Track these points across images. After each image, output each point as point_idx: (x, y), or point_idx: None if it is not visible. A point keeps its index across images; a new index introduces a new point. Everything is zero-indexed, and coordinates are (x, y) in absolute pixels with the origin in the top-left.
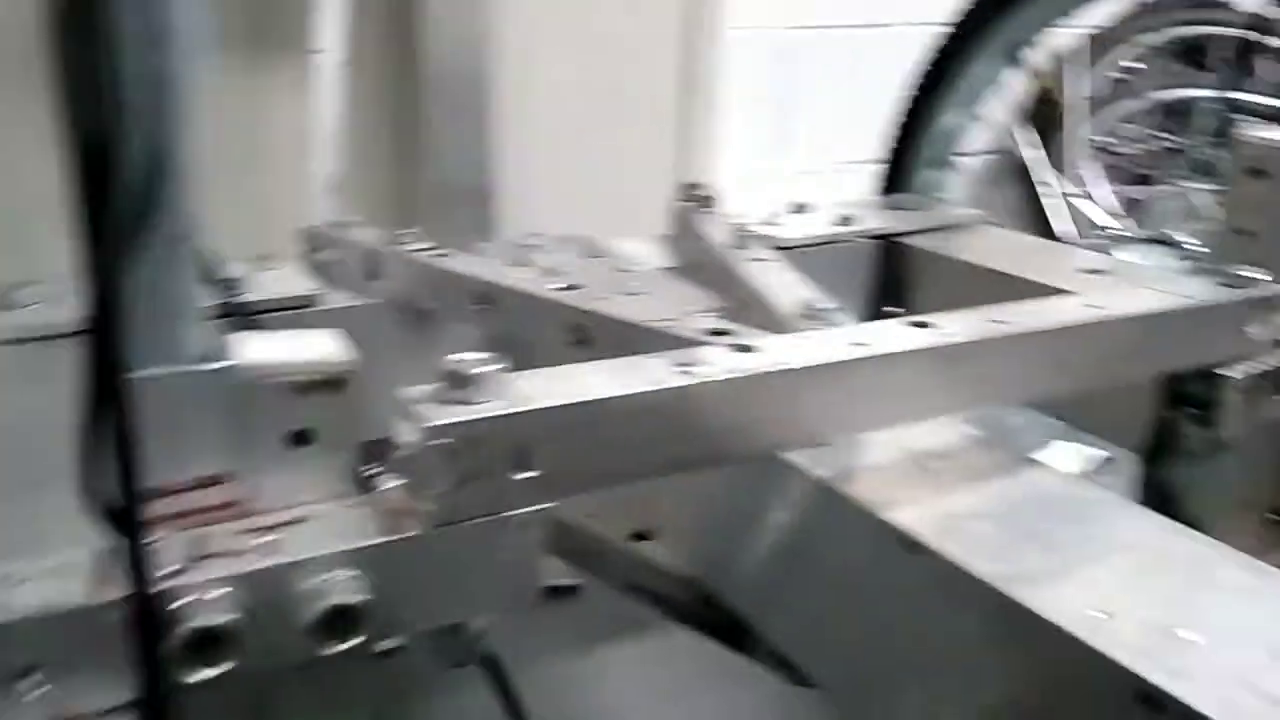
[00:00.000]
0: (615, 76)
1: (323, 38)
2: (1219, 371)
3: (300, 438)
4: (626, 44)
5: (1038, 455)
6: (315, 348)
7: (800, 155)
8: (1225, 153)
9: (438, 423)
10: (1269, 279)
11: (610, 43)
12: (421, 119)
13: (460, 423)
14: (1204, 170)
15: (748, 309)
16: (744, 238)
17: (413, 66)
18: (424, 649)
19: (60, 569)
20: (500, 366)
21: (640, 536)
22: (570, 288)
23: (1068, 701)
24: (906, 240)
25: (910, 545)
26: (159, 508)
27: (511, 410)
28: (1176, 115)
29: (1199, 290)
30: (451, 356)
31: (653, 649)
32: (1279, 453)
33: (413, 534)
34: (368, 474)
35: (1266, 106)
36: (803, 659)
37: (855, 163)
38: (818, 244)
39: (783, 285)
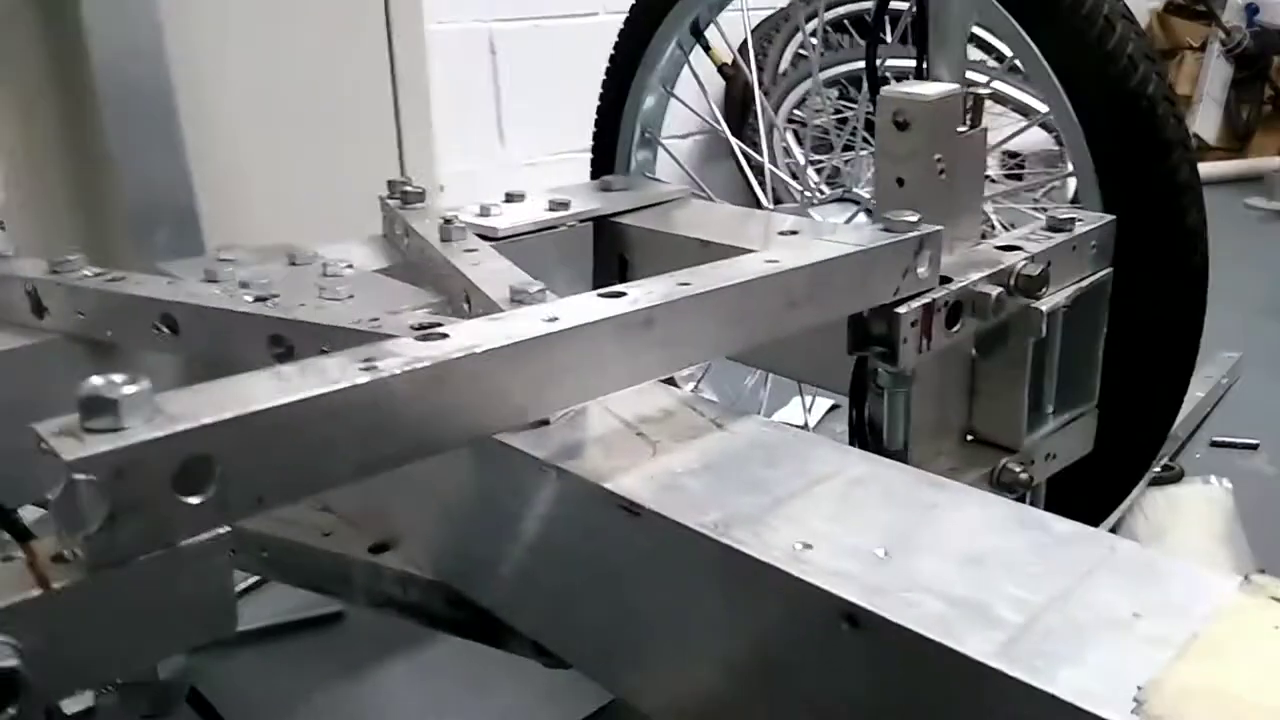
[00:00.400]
0: (320, 78)
1: None
2: (895, 310)
3: None
4: (328, 44)
5: (779, 412)
6: None
7: (517, 148)
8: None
9: (77, 456)
10: (922, 220)
11: (309, 43)
12: (99, 138)
13: (105, 453)
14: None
15: (462, 302)
16: (454, 231)
17: (80, 82)
18: (126, 702)
19: None
20: (145, 386)
21: (380, 548)
22: (265, 298)
23: (790, 632)
24: (619, 219)
25: (631, 509)
26: None
27: (165, 432)
28: (855, 84)
29: (864, 237)
30: (91, 380)
31: (425, 660)
32: (965, 379)
33: (65, 583)
34: (18, 524)
35: (899, 68)
36: (552, 642)
37: (573, 152)
38: (534, 230)
39: (493, 274)
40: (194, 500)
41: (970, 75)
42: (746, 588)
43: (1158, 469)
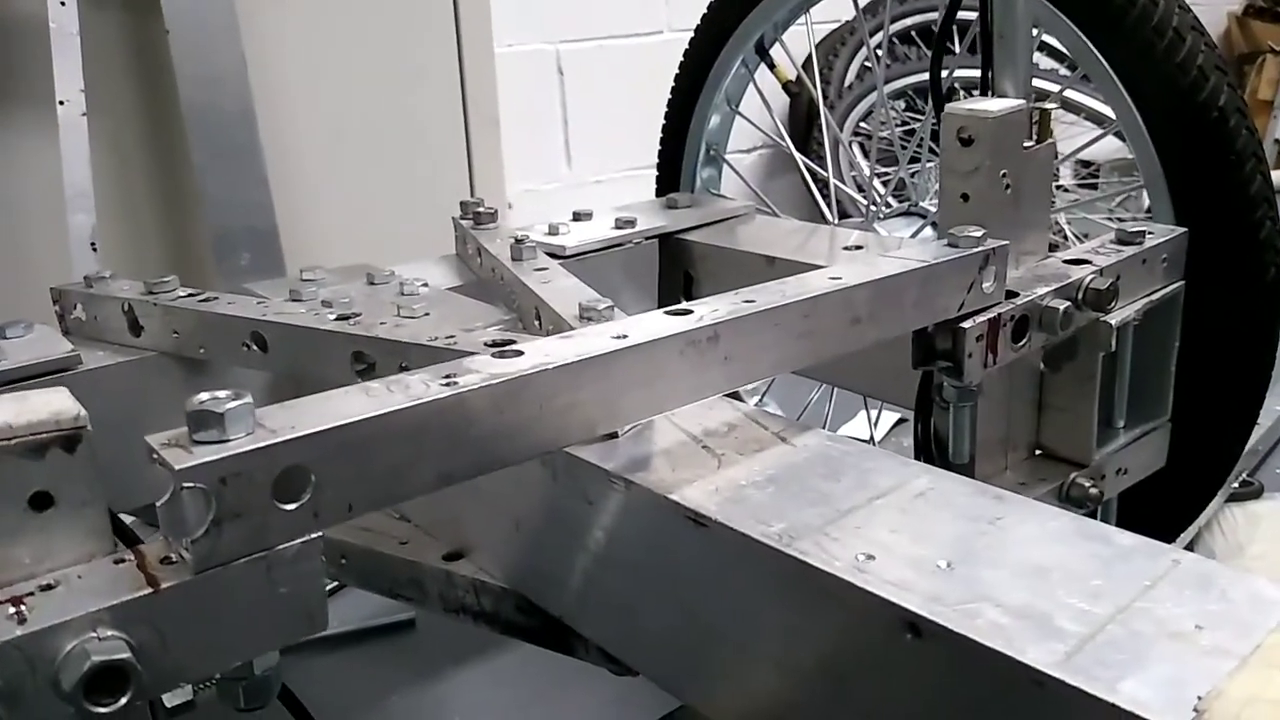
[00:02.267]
0: (393, 103)
1: (64, 89)
2: (959, 325)
3: (39, 501)
4: (400, 69)
5: (845, 426)
6: (44, 406)
7: (584, 166)
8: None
9: (185, 465)
10: (987, 236)
11: (382, 69)
12: (187, 164)
13: (210, 462)
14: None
15: (533, 319)
16: (524, 250)
17: (168, 110)
18: (224, 696)
19: None
20: (246, 400)
21: (453, 556)
22: (347, 317)
23: (852, 642)
24: (684, 236)
25: (697, 520)
26: None
27: (265, 443)
28: (921, 95)
29: (928, 253)
30: (198, 396)
31: (497, 666)
32: (1034, 393)
33: (172, 584)
34: (129, 530)
35: (967, 78)
36: (620, 650)
37: (638, 169)
38: (601, 249)
39: (562, 291)
40: (290, 507)
41: (1041, 84)
42: (810, 598)
43: (1236, 485)
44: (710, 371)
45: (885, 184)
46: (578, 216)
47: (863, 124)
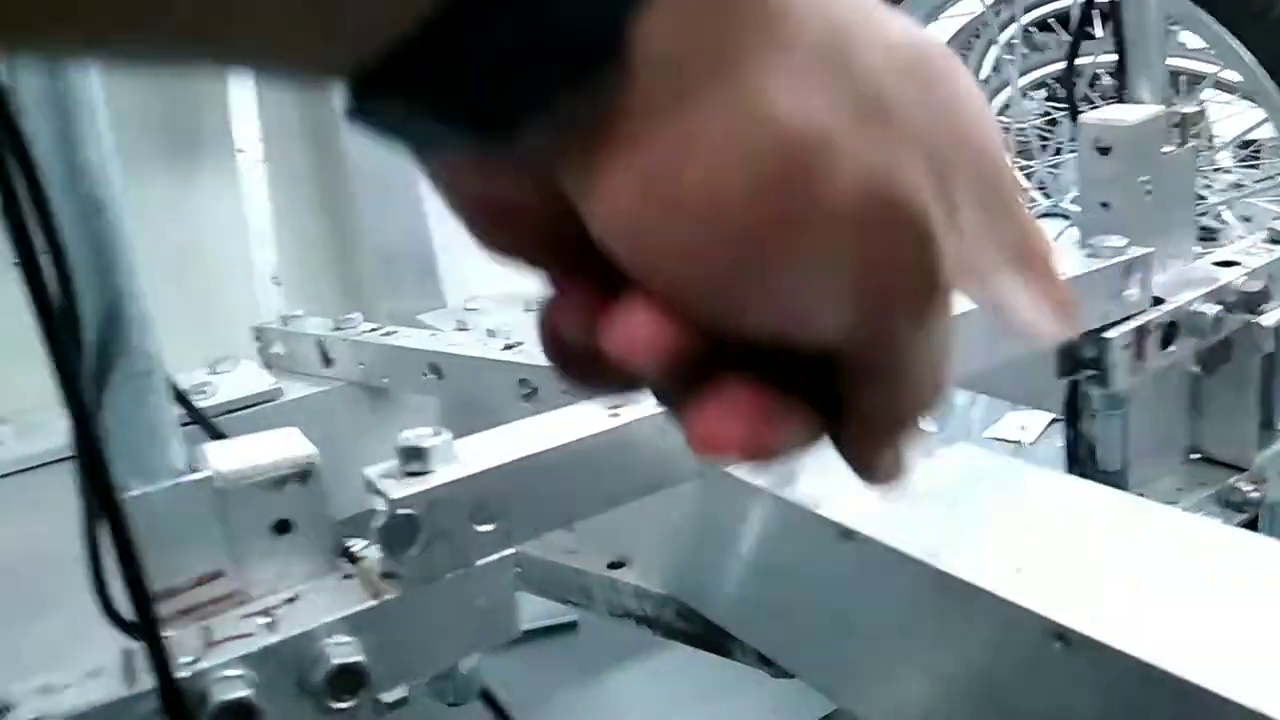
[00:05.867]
0: None
1: (241, 138)
2: (1104, 335)
3: (281, 527)
4: None
5: (992, 427)
6: (281, 447)
7: None
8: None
9: (401, 495)
10: (1130, 244)
11: None
12: (352, 202)
13: (420, 492)
14: None
15: None
16: None
17: (332, 152)
18: (426, 694)
19: (94, 673)
20: (447, 437)
21: (617, 565)
22: (511, 346)
23: (1002, 652)
24: None
25: (845, 534)
26: (168, 607)
27: (464, 474)
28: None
29: (1070, 264)
30: (405, 433)
31: (655, 667)
32: (1188, 397)
33: (393, 596)
34: (349, 549)
35: (1108, 64)
36: (776, 654)
37: None
38: None
39: None
40: (486, 529)
41: (1197, 64)
42: (959, 609)
43: None
44: None
45: (1026, 177)
46: None
47: (1000, 118)
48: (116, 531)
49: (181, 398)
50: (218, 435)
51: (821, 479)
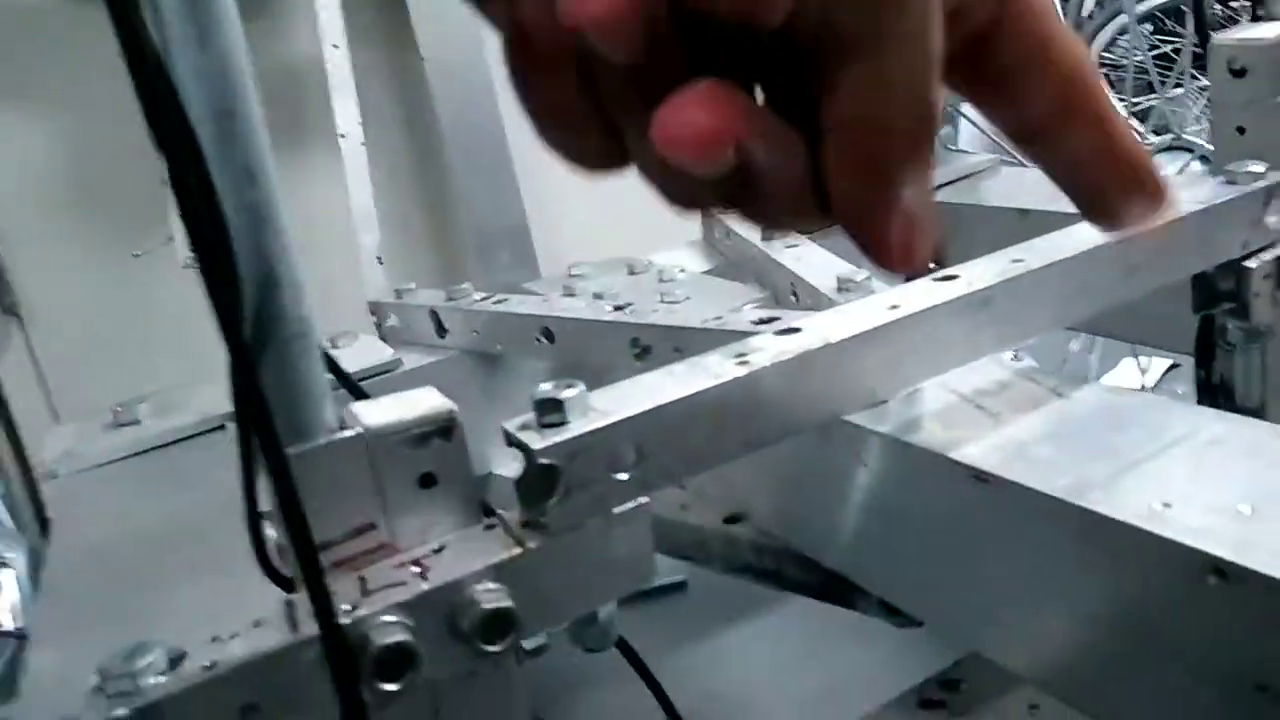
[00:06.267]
0: None
1: (344, 123)
2: (1244, 265)
3: (427, 480)
4: None
5: (1108, 375)
6: (423, 404)
7: None
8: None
9: (540, 445)
10: (1270, 169)
11: None
12: (447, 177)
13: (559, 443)
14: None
15: (790, 294)
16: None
17: (427, 132)
18: (565, 642)
19: (260, 623)
20: (581, 389)
21: (733, 520)
22: (621, 307)
23: (1151, 589)
24: None
25: (979, 477)
26: (325, 558)
27: (600, 424)
28: (1173, 17)
29: (1205, 193)
30: (541, 386)
31: (768, 624)
32: None
33: (536, 544)
34: (488, 502)
35: None
36: (904, 602)
37: None
38: None
39: (816, 266)
40: (623, 476)
41: None
42: (1105, 548)
43: None
44: (982, 334)
45: (1141, 117)
46: None
47: (1105, 54)
48: (282, 486)
49: (330, 360)
50: (361, 396)
51: (948, 428)
